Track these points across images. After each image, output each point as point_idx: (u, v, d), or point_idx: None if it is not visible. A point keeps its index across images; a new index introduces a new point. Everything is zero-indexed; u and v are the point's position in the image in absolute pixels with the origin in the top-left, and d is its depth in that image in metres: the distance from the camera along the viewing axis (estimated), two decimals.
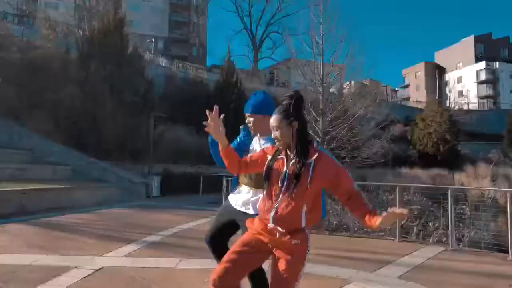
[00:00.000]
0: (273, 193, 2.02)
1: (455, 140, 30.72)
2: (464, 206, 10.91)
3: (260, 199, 2.19)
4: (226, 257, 2.07)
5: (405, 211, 1.84)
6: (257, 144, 2.68)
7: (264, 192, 2.09)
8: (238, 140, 2.92)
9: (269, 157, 2.09)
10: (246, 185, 2.65)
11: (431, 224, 8.45)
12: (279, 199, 1.99)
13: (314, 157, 1.97)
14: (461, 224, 9.05)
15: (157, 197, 14.83)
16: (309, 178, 1.92)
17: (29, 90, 16.63)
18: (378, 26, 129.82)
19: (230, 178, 8.28)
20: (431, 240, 7.32)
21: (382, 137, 17.52)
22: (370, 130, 18.09)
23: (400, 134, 33.40)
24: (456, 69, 68.87)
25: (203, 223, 8.16)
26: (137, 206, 11.20)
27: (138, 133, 16.58)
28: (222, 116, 2.16)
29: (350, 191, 2.00)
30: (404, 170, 23.40)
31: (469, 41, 68.64)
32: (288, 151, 2.03)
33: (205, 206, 11.86)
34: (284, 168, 2.00)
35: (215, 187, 14.50)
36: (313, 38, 17.58)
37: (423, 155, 31.00)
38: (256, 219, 2.14)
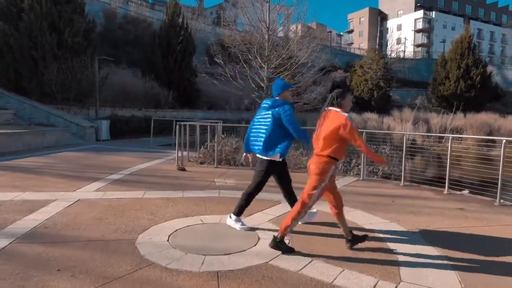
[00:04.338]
0: None
1: (388, 87, 33.50)
2: (385, 146, 13.05)
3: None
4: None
5: None
6: None
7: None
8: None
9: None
10: None
11: (353, 161, 10.17)
12: None
13: None
14: None
15: (107, 141, 15.16)
16: None
17: None
18: None
19: (182, 123, 9.13)
20: (351, 173, 8.97)
21: (321, 84, 19.00)
22: (312, 77, 19.38)
23: (340, 80, 35.50)
24: (397, 17, 71.66)
25: (158, 163, 9.07)
26: (90, 149, 11.66)
27: (82, 76, 16.19)
28: None
29: None
30: None
31: None
32: None
33: (157, 148, 12.62)
34: None
35: (164, 130, 15.17)
36: None
37: (360, 100, 33.59)
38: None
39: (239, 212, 4.04)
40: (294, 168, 8.38)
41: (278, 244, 3.36)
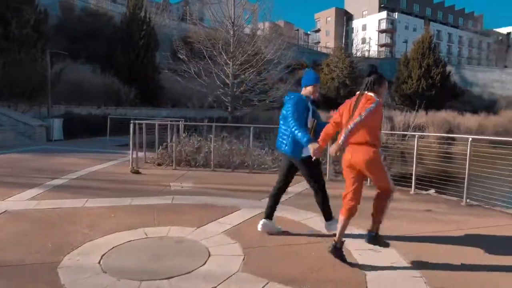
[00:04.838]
0: None
1: (354, 85, 33.93)
2: None
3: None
4: None
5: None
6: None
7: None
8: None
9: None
10: None
11: (323, 161, 9.90)
12: None
13: None
14: None
15: (59, 141, 14.08)
16: None
17: None
18: None
19: (137, 121, 8.45)
20: None
21: (288, 81, 18.76)
22: (278, 74, 19.08)
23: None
24: (362, 17, 73.25)
25: (111, 165, 8.34)
26: (38, 151, 10.67)
27: (32, 71, 14.93)
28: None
29: None
30: None
31: None
32: None
33: (113, 149, 11.79)
34: None
35: (123, 129, 14.27)
36: None
37: (327, 98, 33.80)
38: None
39: (328, 215, 4.00)
40: (258, 169, 7.96)
41: (377, 240, 3.47)
